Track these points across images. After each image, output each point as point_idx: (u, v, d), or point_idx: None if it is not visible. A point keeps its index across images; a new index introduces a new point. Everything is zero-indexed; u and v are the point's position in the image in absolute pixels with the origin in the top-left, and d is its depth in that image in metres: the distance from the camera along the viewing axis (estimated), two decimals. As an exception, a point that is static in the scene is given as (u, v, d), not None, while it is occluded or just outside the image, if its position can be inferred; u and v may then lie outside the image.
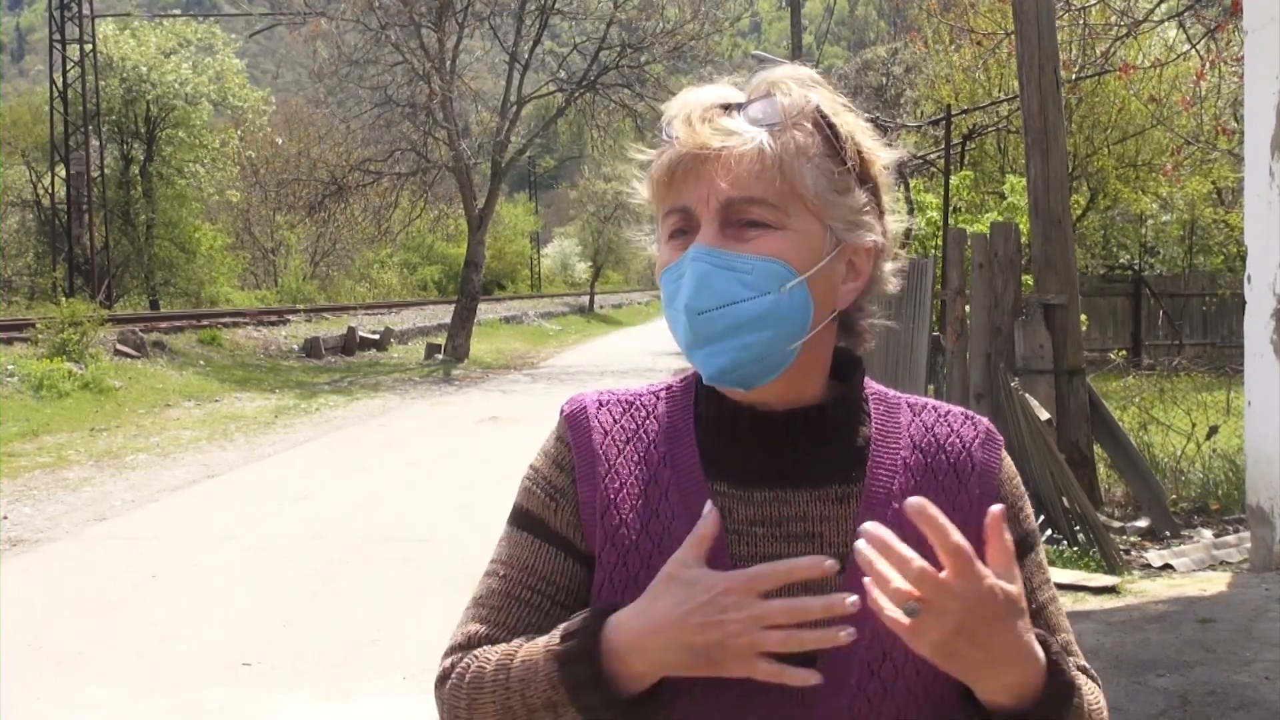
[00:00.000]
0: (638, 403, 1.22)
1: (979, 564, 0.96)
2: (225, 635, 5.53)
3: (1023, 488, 1.20)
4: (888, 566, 0.95)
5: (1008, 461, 1.19)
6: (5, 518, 8.36)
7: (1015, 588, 0.98)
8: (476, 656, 1.13)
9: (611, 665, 1.04)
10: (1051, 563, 6.33)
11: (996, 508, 0.98)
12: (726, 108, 1.11)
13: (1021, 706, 1.01)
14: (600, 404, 1.21)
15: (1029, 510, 1.20)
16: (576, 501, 1.17)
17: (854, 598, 0.99)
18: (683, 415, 1.19)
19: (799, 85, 1.12)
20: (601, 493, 1.16)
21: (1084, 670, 1.15)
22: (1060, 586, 5.87)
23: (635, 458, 1.17)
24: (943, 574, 0.95)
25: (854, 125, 1.14)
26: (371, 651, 5.28)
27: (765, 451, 1.14)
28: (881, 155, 1.16)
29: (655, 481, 1.15)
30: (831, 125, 1.11)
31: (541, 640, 1.09)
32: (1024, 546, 1.15)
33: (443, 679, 1.16)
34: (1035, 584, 1.16)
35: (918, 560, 0.94)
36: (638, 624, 1.04)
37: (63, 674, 5.01)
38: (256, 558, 7.09)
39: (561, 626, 1.08)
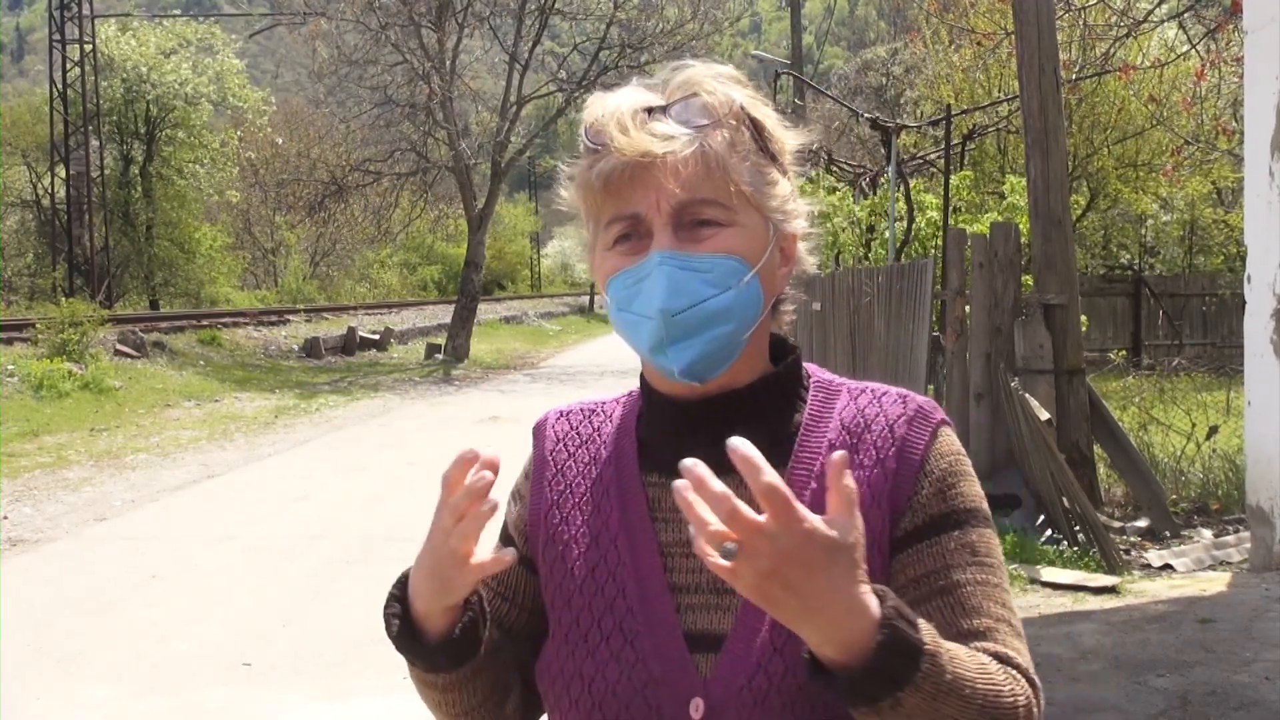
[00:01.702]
0: (600, 409, 1.29)
1: (798, 508, 0.91)
2: (225, 635, 5.53)
3: (962, 467, 1.15)
4: (705, 509, 0.92)
5: (945, 440, 1.16)
6: (5, 518, 8.37)
7: (842, 535, 0.93)
8: None
9: (412, 611, 1.13)
10: (1051, 562, 6.32)
11: (837, 454, 0.94)
12: (651, 111, 1.12)
13: (850, 661, 0.94)
14: (561, 414, 1.30)
15: (967, 490, 1.14)
16: (527, 504, 1.26)
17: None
18: (631, 414, 1.26)
19: (719, 83, 1.14)
20: (546, 495, 1.24)
21: (1002, 658, 1.06)
22: (1060, 586, 5.88)
23: (585, 459, 1.24)
24: (761, 516, 0.92)
25: (770, 116, 1.17)
26: (371, 651, 5.28)
27: (694, 440, 1.14)
28: (790, 142, 1.19)
29: (599, 480, 1.22)
30: (755, 120, 1.15)
31: None
32: (943, 524, 1.12)
33: None
34: (953, 563, 1.10)
35: (732, 500, 0.91)
36: (415, 569, 1.14)
37: (63, 674, 5.01)
38: (256, 558, 7.09)
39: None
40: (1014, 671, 1.05)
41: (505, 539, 1.27)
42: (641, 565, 1.16)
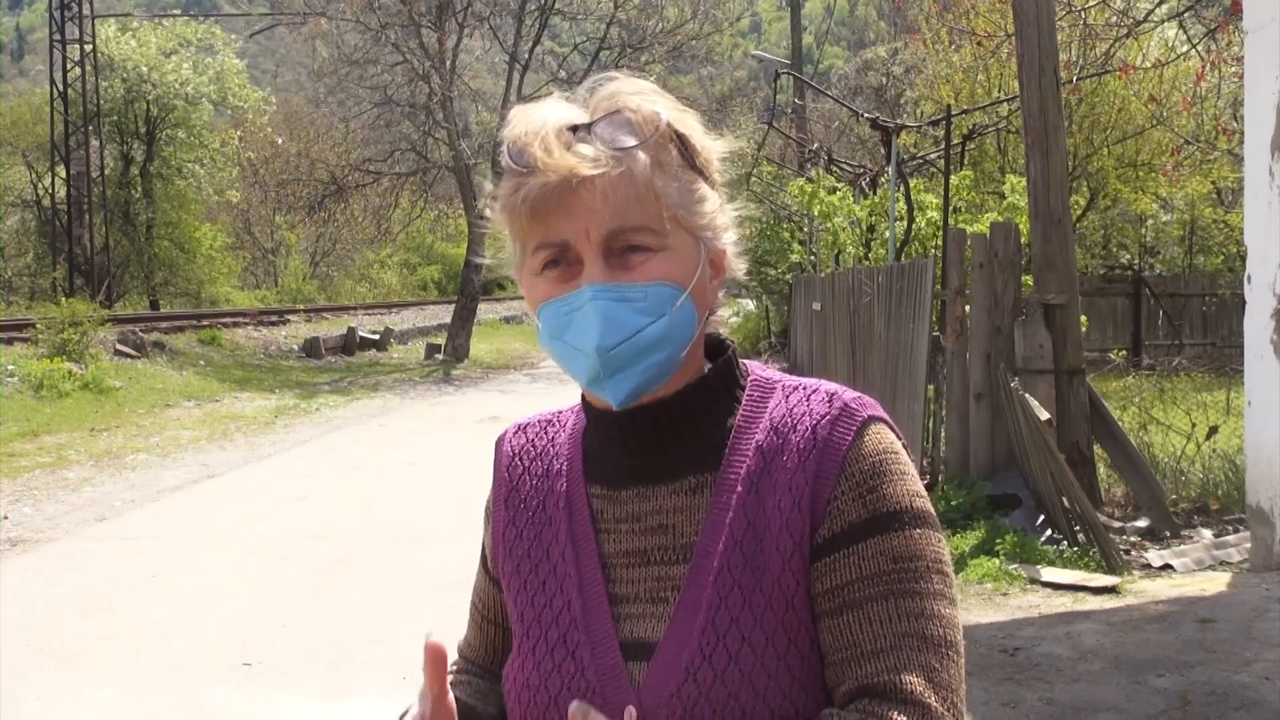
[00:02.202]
0: (556, 420, 1.30)
1: None
2: (225, 635, 5.53)
3: (888, 466, 1.11)
4: None
5: (872, 439, 1.12)
6: (5, 518, 8.37)
7: None
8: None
9: None
10: (1051, 562, 6.32)
11: (574, 706, 1.03)
12: (575, 129, 1.09)
13: None
14: (520, 428, 1.33)
15: (892, 491, 1.10)
16: (492, 523, 1.29)
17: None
18: (581, 424, 1.26)
19: (642, 99, 1.12)
20: (505, 511, 1.27)
21: (883, 694, 1.05)
22: (1060, 587, 5.88)
23: (539, 472, 1.26)
24: None
25: (694, 127, 1.15)
26: (371, 651, 5.28)
27: (629, 450, 1.17)
28: (716, 149, 1.17)
29: (551, 491, 1.24)
30: (682, 136, 1.12)
31: None
32: (861, 530, 1.09)
33: None
34: (866, 573, 1.08)
35: None
36: None
37: (63, 674, 5.01)
38: (256, 558, 7.09)
39: None
40: (891, 713, 1.04)
41: (482, 559, 1.32)
42: (585, 576, 1.17)
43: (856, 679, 1.07)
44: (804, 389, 1.18)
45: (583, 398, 1.22)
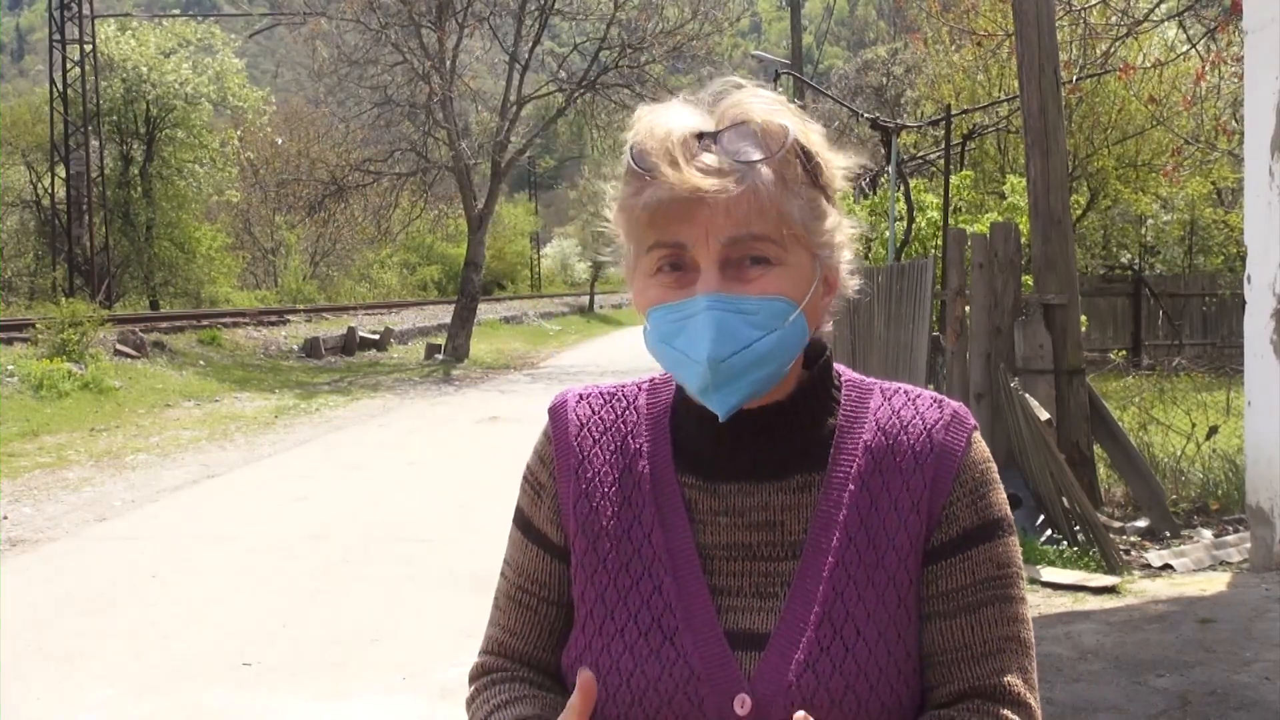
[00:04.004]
0: (619, 394, 1.27)
1: None
2: (225, 635, 5.53)
3: (992, 475, 1.18)
4: None
5: (978, 447, 1.18)
6: (5, 518, 8.36)
7: None
8: (485, 699, 1.23)
9: None
10: (1051, 562, 6.32)
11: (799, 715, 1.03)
12: (701, 137, 1.09)
13: None
14: (580, 397, 1.27)
15: (995, 499, 1.18)
16: (555, 495, 1.23)
17: None
18: (662, 408, 1.25)
19: (770, 111, 1.11)
20: (576, 483, 1.22)
21: (997, 696, 1.14)
22: (1060, 586, 5.88)
23: (611, 447, 1.23)
24: None
25: (819, 143, 1.15)
26: (371, 651, 5.28)
27: (735, 449, 1.17)
28: (839, 165, 1.17)
29: (630, 471, 1.21)
30: (807, 151, 1.12)
31: None
32: (974, 537, 1.15)
33: (471, 693, 1.27)
34: (979, 578, 1.15)
35: None
36: None
37: (63, 674, 5.00)
38: (256, 558, 7.09)
39: None
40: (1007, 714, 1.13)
41: (528, 530, 1.25)
42: (679, 564, 1.16)
43: (965, 680, 1.14)
44: (904, 392, 1.22)
45: (678, 387, 1.22)
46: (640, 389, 1.27)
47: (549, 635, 1.24)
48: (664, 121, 1.11)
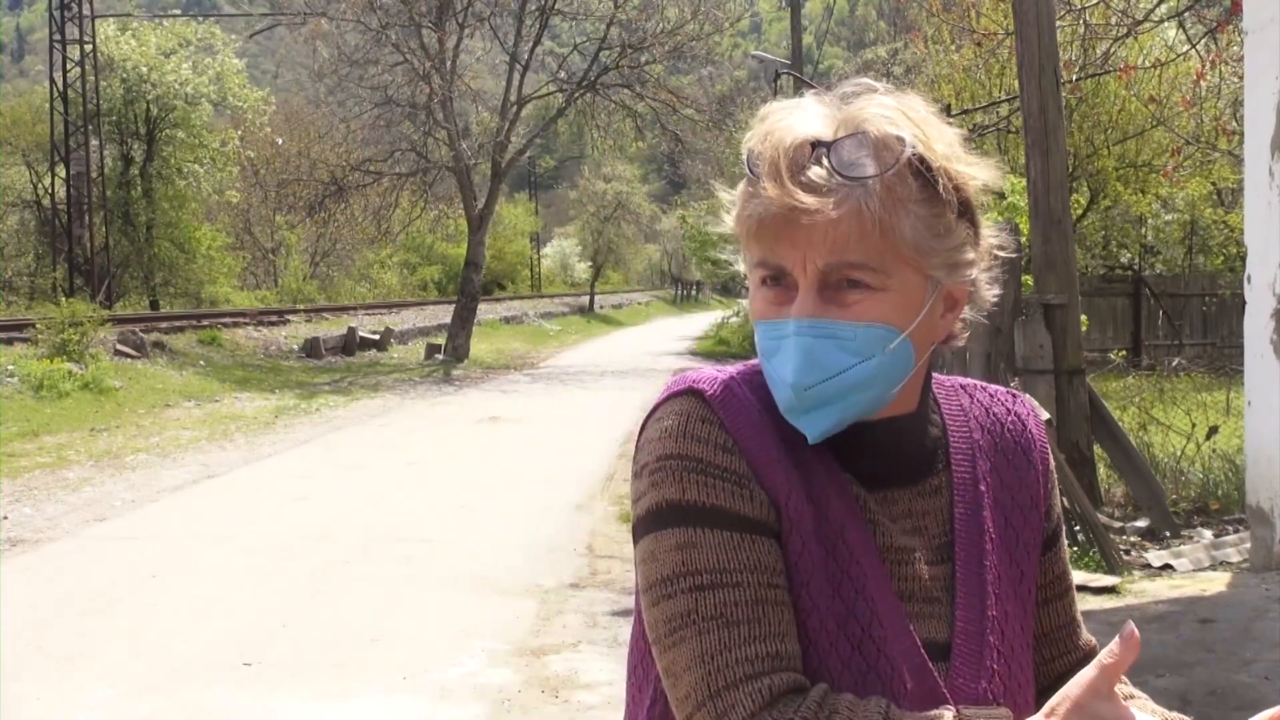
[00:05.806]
0: (755, 382, 1.15)
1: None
2: (225, 635, 5.53)
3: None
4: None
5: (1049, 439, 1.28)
6: (5, 518, 8.36)
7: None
8: (834, 709, 1.02)
9: None
10: (1051, 563, 6.32)
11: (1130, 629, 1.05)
12: (815, 147, 1.04)
13: None
14: (735, 380, 1.14)
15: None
16: (757, 483, 1.09)
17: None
18: None
19: (887, 122, 1.05)
20: (775, 475, 1.09)
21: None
22: (1060, 586, 5.89)
23: (775, 437, 1.11)
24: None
25: (947, 153, 1.07)
26: (371, 651, 5.28)
27: (874, 455, 1.13)
28: (976, 176, 1.09)
29: (803, 462, 1.10)
30: (927, 166, 1.04)
31: None
32: (1061, 524, 1.25)
33: (805, 713, 1.02)
34: (1067, 563, 1.27)
35: None
36: None
37: (63, 674, 5.00)
38: (256, 558, 7.09)
39: None
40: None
41: (743, 524, 1.07)
42: (870, 569, 1.09)
43: (1080, 649, 1.25)
44: (980, 388, 1.25)
45: None
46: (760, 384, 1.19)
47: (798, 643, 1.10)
48: (783, 125, 1.06)
